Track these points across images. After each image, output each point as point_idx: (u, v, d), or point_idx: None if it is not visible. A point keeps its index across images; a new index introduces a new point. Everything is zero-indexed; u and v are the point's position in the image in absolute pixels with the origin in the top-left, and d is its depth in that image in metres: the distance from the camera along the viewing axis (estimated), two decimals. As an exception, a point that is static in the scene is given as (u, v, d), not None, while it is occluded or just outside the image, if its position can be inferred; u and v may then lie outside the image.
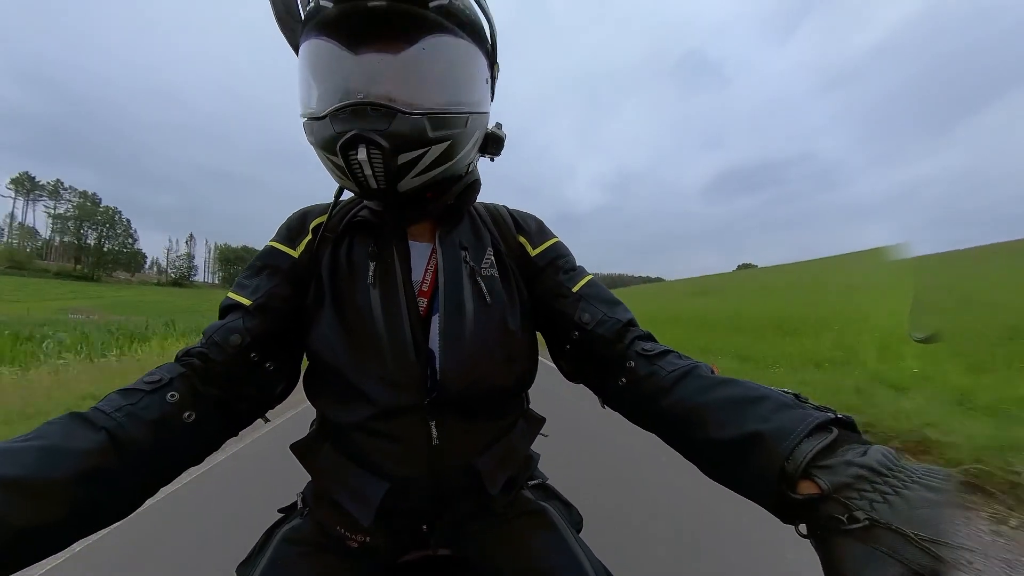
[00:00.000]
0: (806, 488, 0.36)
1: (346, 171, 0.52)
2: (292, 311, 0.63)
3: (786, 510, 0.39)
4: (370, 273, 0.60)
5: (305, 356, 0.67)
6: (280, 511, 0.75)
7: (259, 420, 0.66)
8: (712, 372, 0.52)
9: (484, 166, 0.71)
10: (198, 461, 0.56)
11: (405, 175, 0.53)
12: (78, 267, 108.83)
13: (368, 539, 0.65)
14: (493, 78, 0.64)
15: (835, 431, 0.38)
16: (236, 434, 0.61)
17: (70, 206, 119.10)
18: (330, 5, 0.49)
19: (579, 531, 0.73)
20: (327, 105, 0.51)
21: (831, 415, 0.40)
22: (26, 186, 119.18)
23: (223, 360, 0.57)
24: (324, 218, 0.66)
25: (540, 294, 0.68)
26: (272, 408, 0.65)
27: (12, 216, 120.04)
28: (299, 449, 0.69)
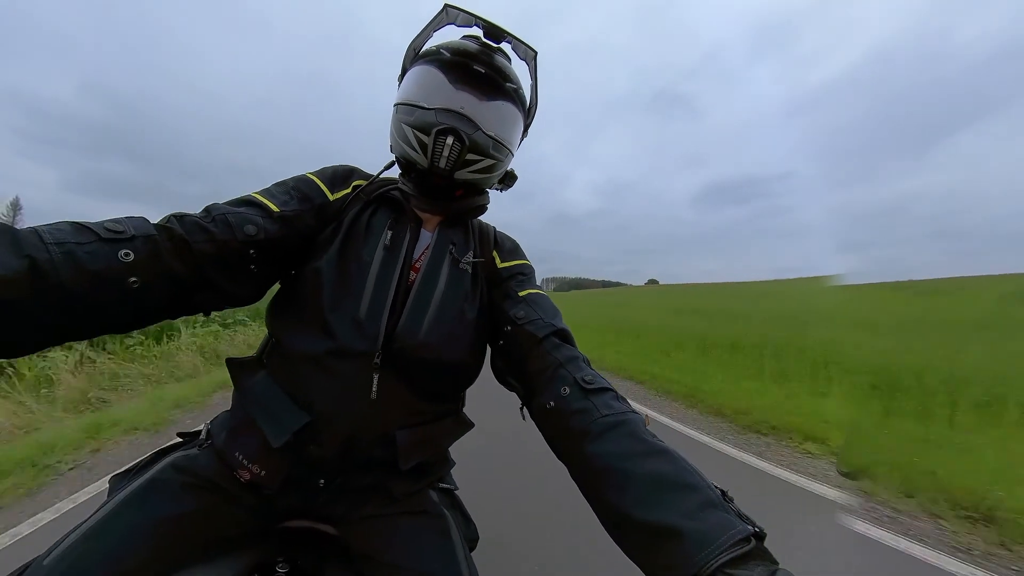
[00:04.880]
0: None
1: (428, 148, 0.65)
2: (305, 239, 0.69)
3: None
4: (387, 238, 0.69)
5: (279, 283, 0.72)
6: (179, 435, 0.73)
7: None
8: (645, 425, 0.52)
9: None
10: (122, 330, 0.54)
11: (464, 168, 0.68)
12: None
13: (263, 473, 0.63)
14: (522, 139, 0.82)
15: (752, 542, 0.38)
16: (174, 317, 0.60)
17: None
18: (448, 55, 0.69)
19: (472, 549, 0.73)
20: (434, 104, 0.68)
21: (752, 529, 0.39)
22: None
23: (224, 240, 0.58)
24: (364, 182, 0.76)
25: (494, 297, 0.76)
26: (222, 309, 0.66)
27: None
28: (235, 363, 0.70)
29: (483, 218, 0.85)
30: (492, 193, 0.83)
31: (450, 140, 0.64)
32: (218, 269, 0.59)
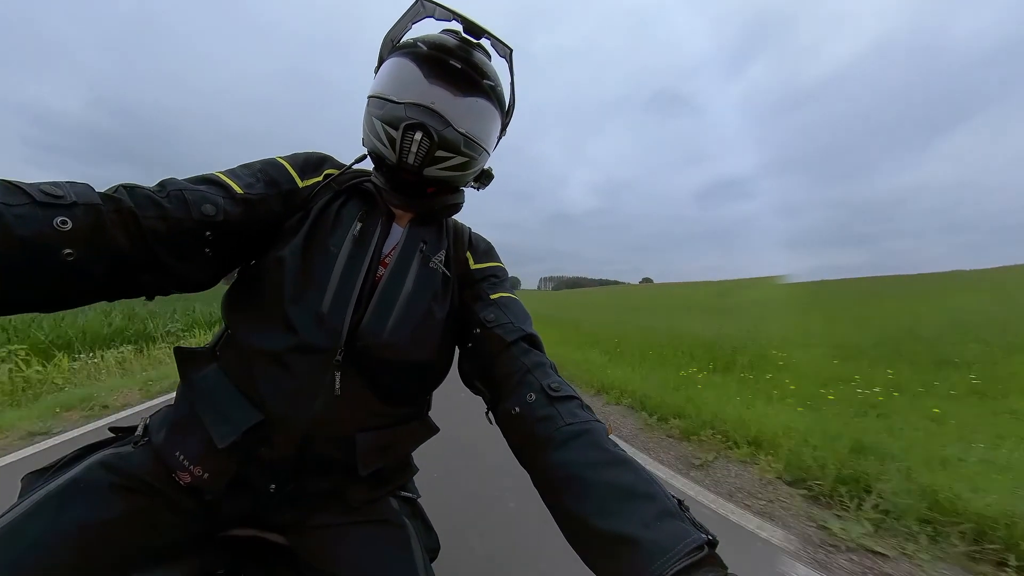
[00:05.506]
0: None
1: (396, 143, 0.63)
2: (268, 225, 0.65)
3: None
4: (356, 230, 0.67)
5: (238, 271, 0.68)
6: (111, 429, 0.67)
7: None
8: (607, 435, 0.53)
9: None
10: (50, 308, 0.48)
11: (434, 164, 0.66)
12: None
13: (206, 475, 0.59)
14: (500, 138, 0.82)
15: (705, 550, 0.39)
16: (112, 299, 0.54)
17: None
18: (425, 49, 0.67)
19: (433, 559, 0.70)
20: (405, 98, 0.65)
21: (705, 537, 0.40)
22: None
23: (178, 218, 0.54)
24: (337, 172, 0.73)
25: (465, 298, 0.74)
26: (170, 293, 0.61)
27: None
28: (184, 353, 0.65)
29: (460, 218, 0.83)
30: (492, 193, 0.81)
31: (419, 136, 0.62)
32: (168, 249, 0.54)
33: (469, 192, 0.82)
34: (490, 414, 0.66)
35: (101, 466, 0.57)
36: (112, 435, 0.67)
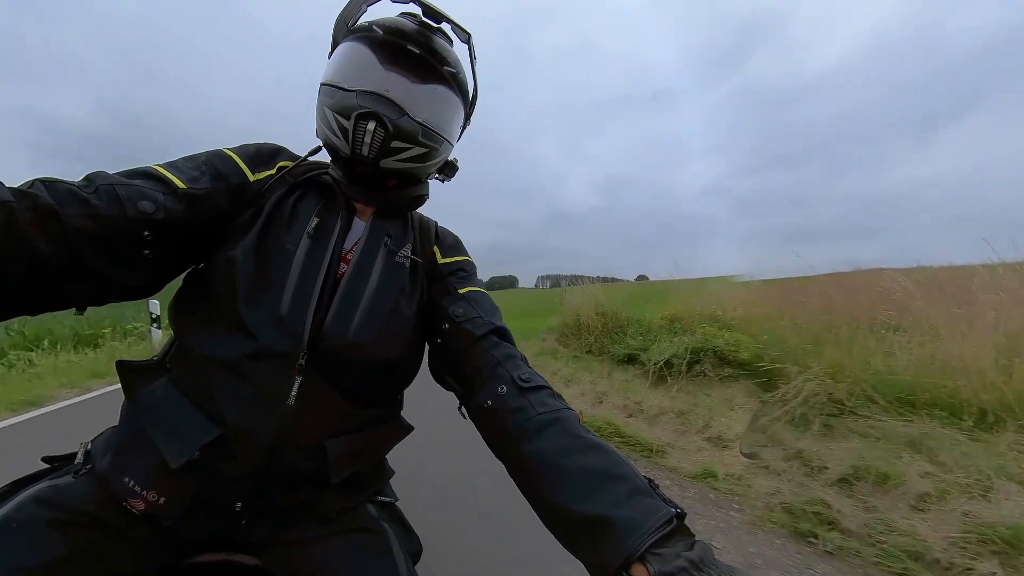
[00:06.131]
0: (638, 571, 0.39)
1: (349, 133, 0.60)
2: (215, 222, 0.60)
3: None
4: (312, 225, 0.63)
5: (185, 275, 0.63)
6: (45, 460, 0.60)
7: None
8: (579, 421, 0.54)
9: (486, 174, 0.86)
10: None
11: (390, 156, 0.63)
12: None
13: (161, 500, 0.54)
14: (464, 128, 0.79)
15: (674, 523, 0.41)
16: (33, 312, 0.48)
17: None
18: (380, 33, 0.63)
19: (416, 562, 0.69)
20: (357, 85, 0.61)
21: (674, 510, 0.42)
22: None
23: (109, 216, 0.48)
24: (290, 164, 0.68)
25: (433, 294, 0.72)
26: (105, 303, 0.54)
27: None
28: (128, 368, 0.60)
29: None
30: (492, 192, 0.80)
31: (371, 126, 0.59)
32: (98, 251, 0.49)
33: (466, 189, 0.79)
34: (463, 409, 0.65)
35: (36, 501, 0.51)
36: (47, 466, 0.60)
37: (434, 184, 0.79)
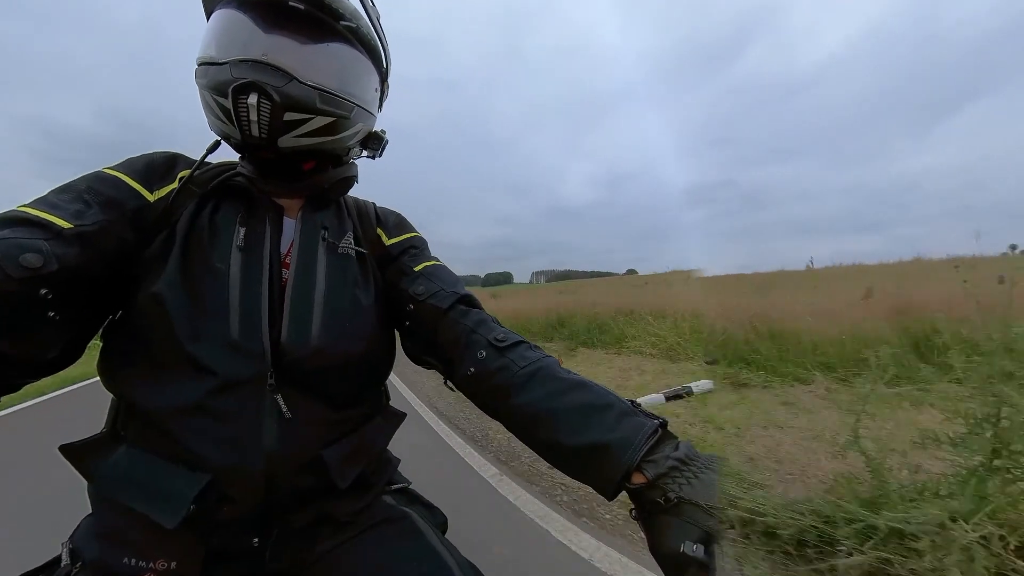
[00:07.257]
0: (637, 479, 0.45)
1: (232, 114, 0.52)
2: (122, 259, 0.52)
3: (618, 494, 0.48)
4: (240, 237, 0.56)
5: (104, 328, 0.55)
6: (28, 575, 0.53)
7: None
8: (560, 365, 0.57)
9: (483, 171, 0.78)
10: None
11: (287, 132, 0.55)
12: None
13: (173, 564, 0.50)
14: (383, 92, 0.71)
15: (659, 432, 0.48)
16: None
17: None
18: None
19: (444, 532, 0.70)
20: (230, 56, 0.53)
21: (657, 421, 0.48)
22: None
23: None
24: (188, 172, 0.59)
25: (388, 278, 0.69)
26: (18, 388, 0.47)
27: None
28: (74, 451, 0.53)
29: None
30: (491, 191, 0.73)
31: (253, 99, 0.51)
32: None
33: (462, 186, 0.75)
34: (448, 383, 0.65)
35: None
36: None
37: (434, 184, 0.76)
